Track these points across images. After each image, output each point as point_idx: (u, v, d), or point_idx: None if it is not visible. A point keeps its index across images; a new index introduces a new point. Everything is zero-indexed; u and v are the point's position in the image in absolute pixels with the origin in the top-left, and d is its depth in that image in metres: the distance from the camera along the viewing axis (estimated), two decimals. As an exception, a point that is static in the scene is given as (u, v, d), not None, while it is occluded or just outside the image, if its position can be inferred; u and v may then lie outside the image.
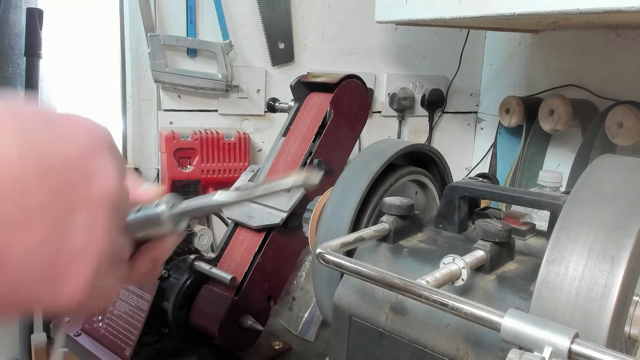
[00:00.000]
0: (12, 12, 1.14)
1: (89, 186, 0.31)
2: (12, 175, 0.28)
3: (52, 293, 0.30)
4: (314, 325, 0.97)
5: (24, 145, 0.28)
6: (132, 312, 0.84)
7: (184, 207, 0.39)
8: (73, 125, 0.32)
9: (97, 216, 0.31)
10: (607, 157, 0.49)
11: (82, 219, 0.30)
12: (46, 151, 0.29)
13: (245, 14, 1.31)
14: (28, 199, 0.28)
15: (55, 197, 0.29)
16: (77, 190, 0.30)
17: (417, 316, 0.50)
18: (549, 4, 0.81)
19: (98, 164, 0.32)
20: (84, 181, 0.31)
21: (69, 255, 0.30)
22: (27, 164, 0.28)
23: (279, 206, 0.88)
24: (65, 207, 0.30)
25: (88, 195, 0.31)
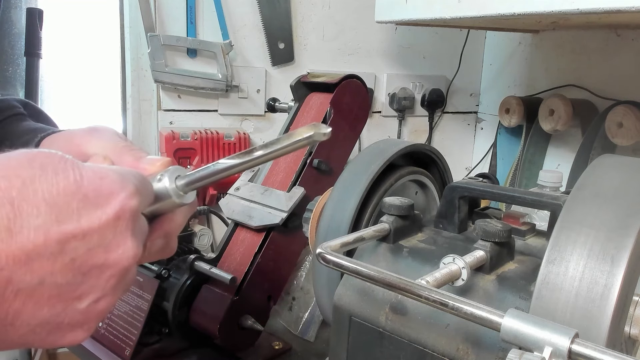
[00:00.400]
0: (12, 12, 1.14)
1: (106, 257, 0.32)
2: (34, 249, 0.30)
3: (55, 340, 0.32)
4: (314, 325, 0.97)
5: (52, 219, 0.30)
6: (132, 312, 0.84)
7: (189, 177, 0.38)
8: (103, 192, 0.33)
9: (106, 286, 0.33)
10: (607, 157, 0.49)
11: (93, 285, 0.32)
12: (71, 226, 0.31)
13: (245, 14, 1.31)
14: (45, 270, 0.30)
15: (70, 268, 0.31)
16: (93, 261, 0.32)
17: (417, 316, 0.50)
18: (549, 4, 0.81)
19: (117, 236, 0.33)
20: (101, 253, 0.32)
21: (73, 318, 0.32)
22: (50, 237, 0.30)
23: (279, 206, 0.88)
24: (78, 277, 0.32)
25: (102, 265, 0.32)
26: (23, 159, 0.31)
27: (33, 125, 0.55)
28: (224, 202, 0.94)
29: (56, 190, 0.31)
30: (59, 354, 1.25)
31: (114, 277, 0.33)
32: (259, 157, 0.36)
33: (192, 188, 0.38)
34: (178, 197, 0.38)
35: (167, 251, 0.43)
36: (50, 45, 1.18)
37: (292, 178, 0.92)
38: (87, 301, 0.32)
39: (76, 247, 0.31)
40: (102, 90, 1.32)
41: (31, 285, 0.30)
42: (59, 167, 0.32)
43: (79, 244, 0.31)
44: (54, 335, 0.32)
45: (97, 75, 1.30)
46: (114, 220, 0.33)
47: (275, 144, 0.35)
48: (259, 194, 0.91)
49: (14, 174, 0.30)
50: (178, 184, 0.38)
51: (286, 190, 0.90)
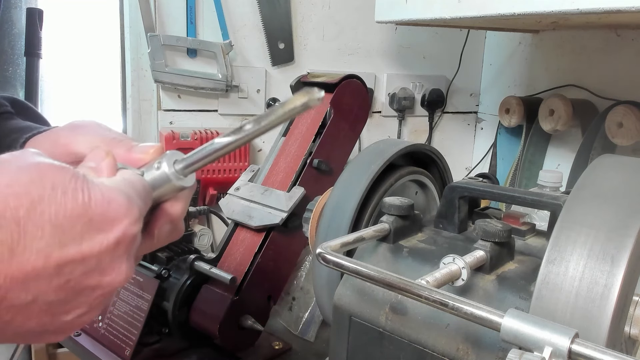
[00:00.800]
0: (12, 12, 1.14)
1: (99, 280, 0.33)
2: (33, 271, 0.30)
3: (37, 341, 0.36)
4: (314, 325, 0.97)
5: (54, 242, 0.31)
6: (132, 312, 0.84)
7: (187, 160, 0.38)
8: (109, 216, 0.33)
9: (94, 303, 0.34)
10: (607, 157, 0.49)
11: (81, 302, 0.33)
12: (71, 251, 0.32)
13: (245, 14, 1.31)
14: (40, 289, 0.31)
15: (64, 289, 0.32)
16: (86, 282, 0.33)
17: (417, 316, 0.50)
18: (549, 4, 0.81)
19: (113, 260, 0.34)
20: (96, 276, 0.33)
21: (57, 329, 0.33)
22: (50, 260, 0.31)
23: (279, 206, 0.88)
24: (70, 296, 0.32)
25: (95, 287, 0.33)
26: (35, 175, 0.31)
27: (20, 124, 0.55)
28: (224, 202, 0.94)
29: (63, 212, 0.31)
30: (58, 354, 1.25)
31: (103, 296, 0.34)
32: (253, 130, 0.35)
33: (191, 170, 0.38)
34: (178, 180, 0.38)
35: (175, 234, 0.43)
36: (50, 45, 1.18)
37: (292, 178, 0.92)
38: (74, 315, 0.33)
39: (73, 269, 0.32)
40: (102, 90, 1.32)
41: (24, 302, 0.31)
42: (69, 187, 0.32)
43: (77, 267, 0.32)
44: (36, 339, 0.34)
45: (97, 75, 1.30)
46: (114, 246, 0.33)
47: (269, 115, 0.34)
48: (259, 194, 0.91)
49: (24, 191, 0.30)
50: (177, 168, 0.38)
51: (286, 190, 0.90)
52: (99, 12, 1.27)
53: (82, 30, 1.26)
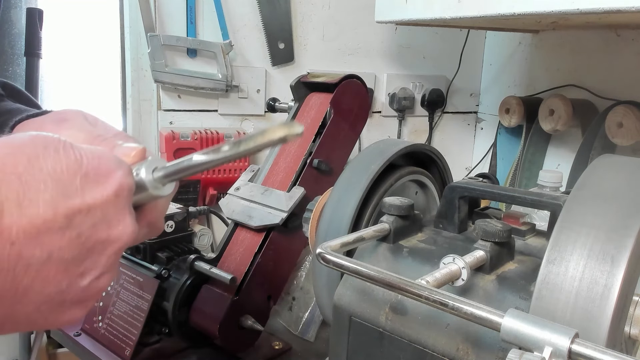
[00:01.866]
0: (12, 12, 1.14)
1: (108, 233, 0.34)
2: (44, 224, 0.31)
3: (56, 319, 0.33)
4: (314, 325, 0.97)
5: (58, 194, 0.31)
6: (132, 312, 0.84)
7: (167, 169, 0.38)
8: (102, 171, 0.34)
9: (109, 260, 0.34)
10: (607, 157, 0.49)
11: (96, 262, 0.33)
12: (76, 202, 0.32)
13: (245, 14, 1.31)
14: (53, 244, 0.31)
15: (76, 244, 0.32)
16: (97, 237, 0.33)
17: (417, 316, 0.50)
18: (549, 4, 0.81)
19: (117, 213, 0.34)
20: (104, 229, 0.33)
21: (75, 295, 0.33)
22: (58, 213, 0.31)
23: (279, 206, 0.88)
24: (83, 252, 0.33)
25: (106, 241, 0.34)
26: (26, 138, 0.32)
27: (10, 106, 0.55)
28: (224, 202, 0.94)
29: (60, 167, 0.32)
30: (58, 354, 1.25)
31: (115, 254, 0.34)
32: (231, 154, 0.36)
33: (170, 180, 0.38)
34: (156, 189, 0.38)
35: (153, 233, 0.44)
36: (50, 45, 1.18)
37: (292, 178, 0.92)
38: (90, 278, 0.33)
39: (82, 221, 0.32)
40: (102, 90, 1.32)
41: (40, 260, 0.30)
42: (59, 146, 0.33)
43: (85, 219, 0.32)
44: (55, 314, 0.33)
45: (97, 75, 1.30)
46: (114, 197, 0.34)
47: (247, 141, 0.35)
48: (259, 194, 0.91)
49: (19, 151, 0.31)
50: (156, 176, 0.37)
51: (286, 190, 0.90)
52: (99, 12, 1.27)
53: (82, 30, 1.26)
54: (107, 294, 0.89)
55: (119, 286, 0.88)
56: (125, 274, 0.88)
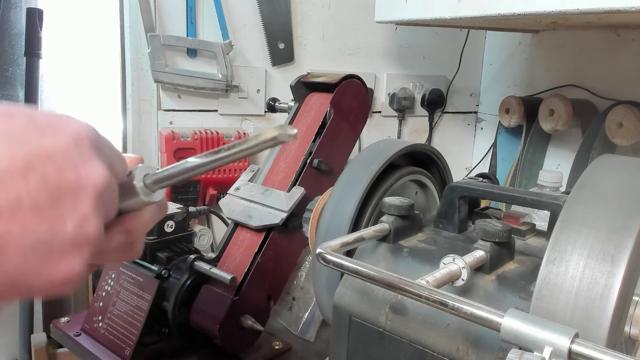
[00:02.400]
0: (12, 12, 1.14)
1: (77, 176, 0.32)
2: (2, 169, 0.30)
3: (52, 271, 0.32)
4: (314, 325, 0.97)
5: (12, 142, 0.31)
6: (132, 312, 0.84)
7: (158, 175, 0.37)
8: (56, 123, 0.34)
9: (87, 204, 0.33)
10: (607, 157, 0.49)
11: (73, 206, 0.32)
12: (32, 147, 0.31)
13: (245, 14, 1.31)
14: (19, 189, 0.30)
15: (44, 186, 0.31)
16: (65, 180, 0.32)
17: (417, 316, 0.50)
18: (549, 4, 0.81)
19: (82, 157, 0.33)
20: (71, 171, 0.32)
21: (63, 242, 0.32)
22: (15, 158, 0.31)
23: (279, 206, 0.88)
24: (55, 195, 0.31)
25: (77, 184, 0.32)
26: None
27: None
28: (224, 202, 0.94)
29: (12, 123, 0.32)
30: (58, 354, 1.24)
31: (91, 198, 0.33)
32: (226, 156, 0.35)
33: (161, 186, 0.38)
34: (146, 195, 0.37)
35: (129, 252, 0.41)
36: (50, 45, 1.18)
37: (292, 178, 0.92)
38: (71, 223, 0.32)
39: (44, 166, 0.31)
40: (102, 90, 1.32)
41: (10, 205, 0.30)
42: (10, 107, 0.33)
43: (47, 163, 0.31)
44: (48, 264, 0.32)
45: (97, 75, 1.30)
46: (75, 144, 0.33)
47: (241, 144, 0.35)
48: (259, 194, 0.91)
49: None
50: (147, 182, 0.37)
51: (286, 190, 0.90)
52: (99, 12, 1.27)
53: (82, 30, 1.26)
54: (107, 294, 0.89)
55: (119, 286, 0.88)
56: (125, 274, 0.88)
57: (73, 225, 0.32)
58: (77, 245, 0.33)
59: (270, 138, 0.34)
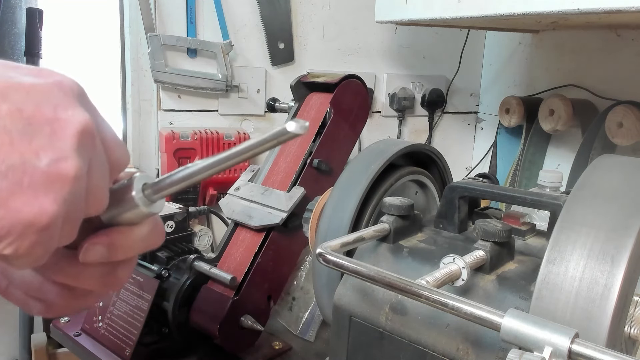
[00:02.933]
0: (12, 12, 1.14)
1: (55, 114, 0.30)
2: None
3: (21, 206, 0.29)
4: (314, 325, 0.97)
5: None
6: (132, 312, 0.84)
7: (158, 183, 0.34)
8: (41, 70, 0.32)
9: (65, 142, 0.30)
10: (607, 157, 0.49)
11: (49, 141, 0.29)
12: (11, 81, 0.30)
13: (245, 14, 1.31)
14: None
15: (18, 116, 0.29)
16: (42, 114, 0.29)
17: (417, 316, 0.50)
18: (549, 4, 0.81)
19: (64, 100, 0.31)
20: (49, 109, 0.30)
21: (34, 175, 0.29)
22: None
23: (279, 206, 0.88)
24: (29, 128, 0.29)
25: (56, 121, 0.30)
26: None
27: None
28: (224, 202, 0.94)
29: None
30: (58, 354, 1.24)
31: (71, 137, 0.30)
32: (230, 156, 0.32)
33: (162, 195, 0.34)
34: (146, 205, 0.34)
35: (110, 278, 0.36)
36: (50, 45, 1.18)
37: (292, 178, 0.92)
38: (46, 159, 0.29)
39: (21, 98, 0.29)
40: (102, 90, 1.32)
41: None
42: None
43: (24, 96, 0.29)
44: (15, 196, 0.28)
45: (97, 75, 1.30)
46: (57, 87, 0.31)
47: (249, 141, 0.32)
48: (259, 194, 0.91)
49: None
50: (146, 191, 0.34)
51: (286, 190, 0.90)
52: (99, 12, 1.27)
53: (82, 30, 1.26)
54: (107, 294, 0.89)
55: (119, 286, 0.88)
56: (125, 274, 0.88)
57: (47, 159, 0.29)
58: (50, 182, 0.29)
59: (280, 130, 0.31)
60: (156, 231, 0.37)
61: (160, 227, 0.37)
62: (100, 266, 0.35)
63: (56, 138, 0.29)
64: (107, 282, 0.36)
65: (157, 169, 1.31)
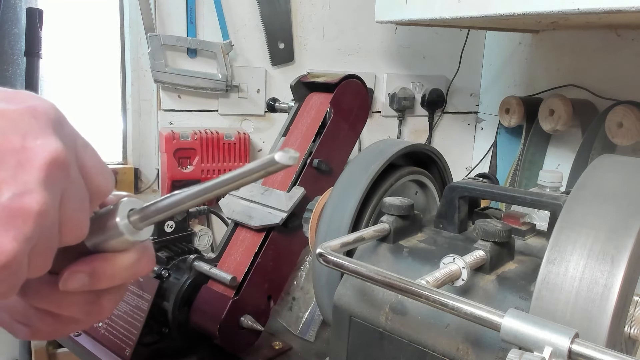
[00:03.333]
0: (12, 12, 1.14)
1: (23, 144, 0.28)
2: None
3: None
4: (314, 325, 0.97)
5: None
6: (132, 312, 0.84)
7: (145, 209, 0.32)
8: (15, 95, 0.30)
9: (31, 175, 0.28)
10: (607, 157, 0.49)
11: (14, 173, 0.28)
12: None
13: (245, 14, 1.31)
14: None
15: None
16: (9, 144, 0.28)
17: (417, 316, 0.50)
18: (549, 4, 0.81)
19: (34, 129, 0.29)
20: (17, 138, 0.28)
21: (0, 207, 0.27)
22: None
23: (279, 206, 0.88)
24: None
25: (20, 151, 0.28)
26: None
27: None
28: (224, 202, 0.94)
29: None
30: (58, 354, 1.25)
31: (38, 170, 0.28)
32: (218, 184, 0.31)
33: (149, 222, 0.33)
34: (131, 233, 0.32)
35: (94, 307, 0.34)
36: (50, 45, 1.18)
37: (292, 178, 0.92)
38: (9, 192, 0.27)
39: None
40: (102, 90, 1.32)
41: None
42: None
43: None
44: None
45: (97, 75, 1.30)
46: (30, 114, 0.29)
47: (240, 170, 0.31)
48: (259, 194, 0.91)
49: None
50: (132, 218, 0.32)
51: (286, 190, 0.90)
52: (99, 12, 1.27)
53: (82, 30, 1.26)
54: (107, 294, 0.89)
55: (119, 286, 0.88)
56: (125, 274, 0.88)
57: (10, 193, 0.27)
58: (11, 218, 0.27)
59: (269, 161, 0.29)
60: (144, 259, 0.35)
61: (150, 254, 0.36)
62: (84, 294, 0.34)
63: (22, 170, 0.28)
64: (91, 310, 0.34)
65: (157, 169, 1.31)
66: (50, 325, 0.35)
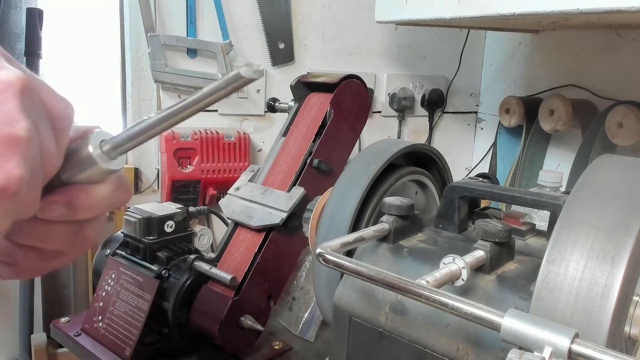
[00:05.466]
0: (12, 12, 1.14)
1: None
2: None
3: None
4: (314, 325, 0.97)
5: None
6: (132, 312, 0.84)
7: (116, 138, 0.33)
8: None
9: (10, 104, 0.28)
10: (607, 157, 0.49)
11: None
12: None
13: (245, 14, 1.31)
14: None
15: None
16: None
17: (417, 316, 0.50)
18: (549, 4, 0.81)
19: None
20: None
21: None
22: None
23: (279, 206, 0.88)
24: None
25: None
26: None
27: None
28: (224, 202, 0.94)
29: None
30: (58, 354, 1.25)
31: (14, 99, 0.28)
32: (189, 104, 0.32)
33: (121, 151, 0.33)
34: (105, 161, 0.33)
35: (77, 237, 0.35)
36: (50, 45, 1.18)
37: (292, 178, 0.92)
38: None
39: None
40: (102, 90, 1.32)
41: None
42: None
43: None
44: None
45: (97, 75, 1.30)
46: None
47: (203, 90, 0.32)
48: (259, 194, 0.91)
49: None
50: (104, 148, 0.33)
51: (286, 190, 0.90)
52: (99, 12, 1.27)
53: (82, 30, 1.26)
54: (107, 294, 0.89)
55: (119, 286, 0.88)
56: (125, 274, 0.88)
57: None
58: (7, 147, 0.27)
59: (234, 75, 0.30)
60: (120, 188, 0.35)
61: (125, 184, 0.36)
62: (66, 225, 0.34)
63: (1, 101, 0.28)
64: (75, 241, 0.35)
65: (157, 169, 1.31)
66: (35, 261, 0.35)
